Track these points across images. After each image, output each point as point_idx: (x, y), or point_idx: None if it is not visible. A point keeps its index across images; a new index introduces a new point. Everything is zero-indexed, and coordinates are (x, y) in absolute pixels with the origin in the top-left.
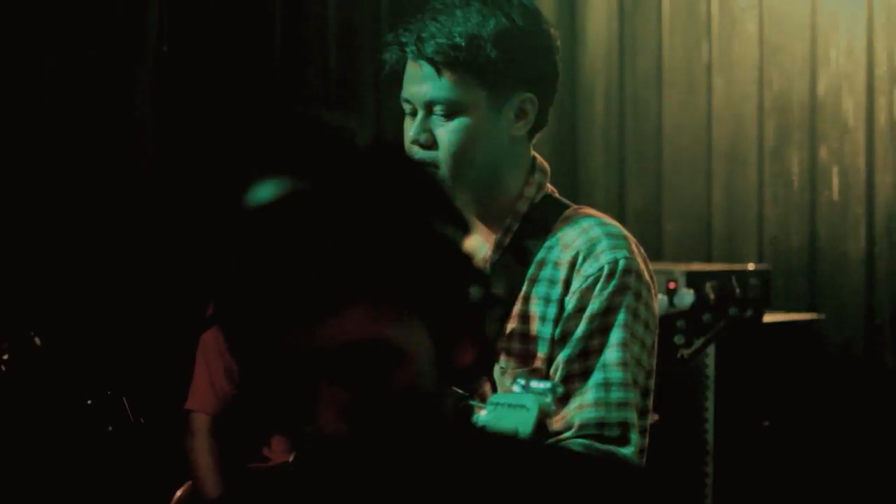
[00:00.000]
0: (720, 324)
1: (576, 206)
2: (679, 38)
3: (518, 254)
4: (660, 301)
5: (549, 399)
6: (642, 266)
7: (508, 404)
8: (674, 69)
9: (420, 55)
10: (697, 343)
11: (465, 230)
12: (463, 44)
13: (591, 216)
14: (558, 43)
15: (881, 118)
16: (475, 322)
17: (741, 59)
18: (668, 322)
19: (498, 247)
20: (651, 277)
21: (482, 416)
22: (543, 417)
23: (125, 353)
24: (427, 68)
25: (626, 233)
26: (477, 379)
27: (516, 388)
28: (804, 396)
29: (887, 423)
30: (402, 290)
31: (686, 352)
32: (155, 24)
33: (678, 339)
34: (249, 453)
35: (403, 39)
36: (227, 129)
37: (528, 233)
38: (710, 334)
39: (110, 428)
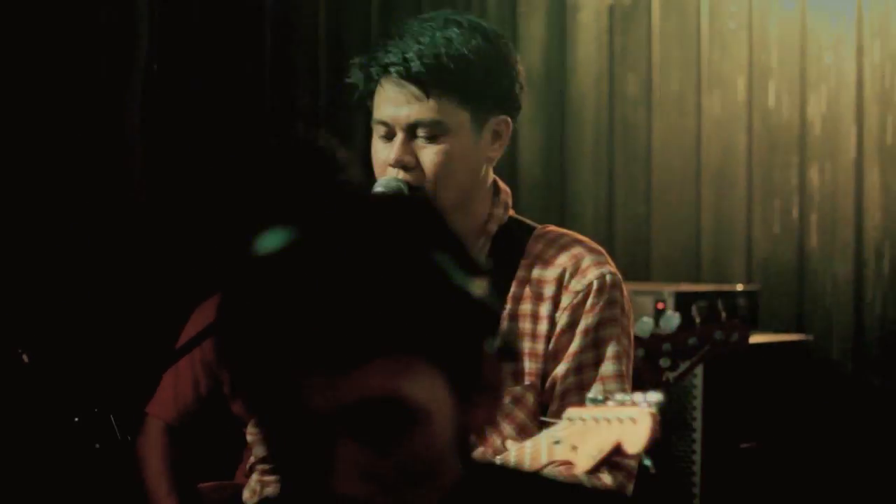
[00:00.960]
0: (705, 348)
1: (542, 226)
2: (669, 59)
3: (496, 274)
4: (647, 322)
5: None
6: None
7: (595, 418)
8: (663, 90)
9: (406, 76)
10: (683, 366)
11: (482, 277)
12: (451, 65)
13: (565, 234)
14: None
15: (870, 140)
16: (494, 375)
17: (731, 81)
18: (654, 344)
19: None
20: None
21: (558, 429)
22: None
23: (113, 370)
24: (413, 89)
25: (601, 249)
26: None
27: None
28: (792, 417)
29: (875, 444)
30: (422, 343)
31: (671, 375)
32: (145, 42)
33: (664, 362)
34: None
35: (387, 60)
36: (219, 149)
37: (501, 253)
38: (695, 358)
39: (97, 445)
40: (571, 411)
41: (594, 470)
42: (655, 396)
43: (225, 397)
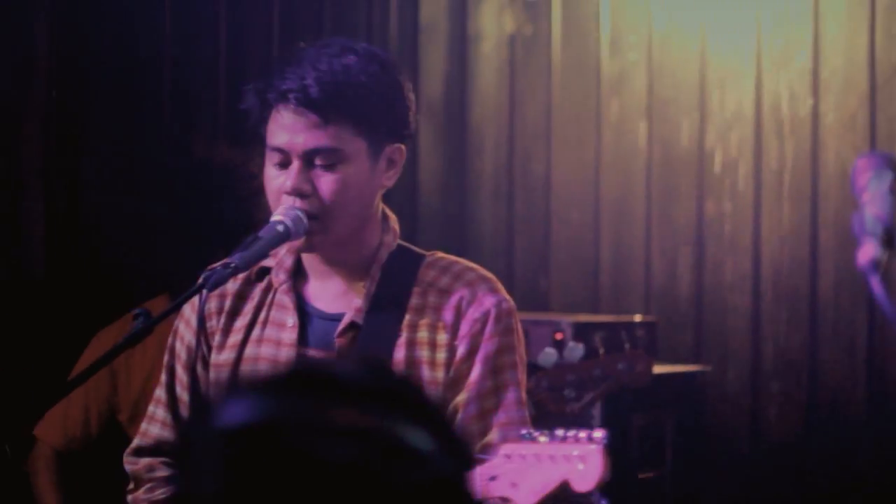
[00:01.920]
0: (609, 379)
1: (430, 253)
2: (568, 91)
3: (389, 301)
4: (549, 354)
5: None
6: None
7: (537, 455)
8: (563, 122)
9: (305, 103)
10: (587, 397)
11: (467, 463)
12: (350, 93)
13: (457, 262)
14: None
15: (768, 173)
16: None
17: (630, 113)
18: (558, 375)
19: (367, 296)
20: None
21: (494, 465)
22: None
23: (5, 395)
24: (311, 116)
25: (493, 276)
26: None
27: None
28: (690, 447)
29: (769, 475)
30: None
31: (576, 406)
32: (44, 65)
33: (568, 393)
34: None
35: (284, 87)
36: (118, 172)
37: (393, 279)
38: (600, 389)
39: None
40: (508, 447)
41: None
42: (600, 433)
43: (120, 424)
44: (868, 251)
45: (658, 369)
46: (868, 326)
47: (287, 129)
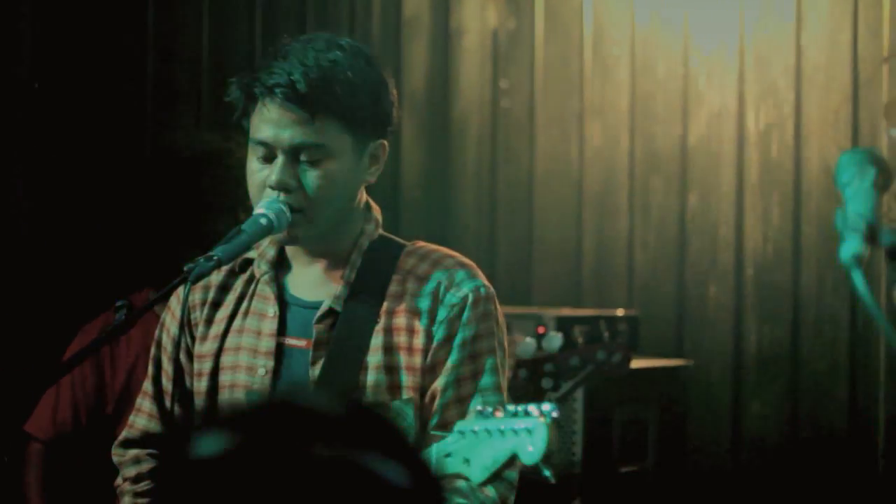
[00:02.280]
0: (587, 368)
1: (411, 242)
2: (552, 85)
3: (368, 288)
4: (528, 344)
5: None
6: None
7: (488, 430)
8: (546, 116)
9: (292, 98)
10: (565, 387)
11: (439, 499)
12: (338, 89)
13: (437, 250)
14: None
15: (751, 167)
16: None
17: (613, 107)
18: (536, 365)
19: (346, 283)
20: None
21: (449, 443)
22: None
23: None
24: (298, 112)
25: (473, 263)
26: None
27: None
28: (672, 441)
29: (751, 470)
30: None
31: (554, 395)
32: (28, 59)
33: (546, 384)
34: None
35: (271, 81)
36: (100, 167)
37: (373, 267)
38: (578, 378)
39: None
40: (461, 423)
41: (487, 482)
42: (549, 406)
43: (108, 418)
44: (851, 247)
45: (640, 363)
46: (850, 322)
47: (273, 123)
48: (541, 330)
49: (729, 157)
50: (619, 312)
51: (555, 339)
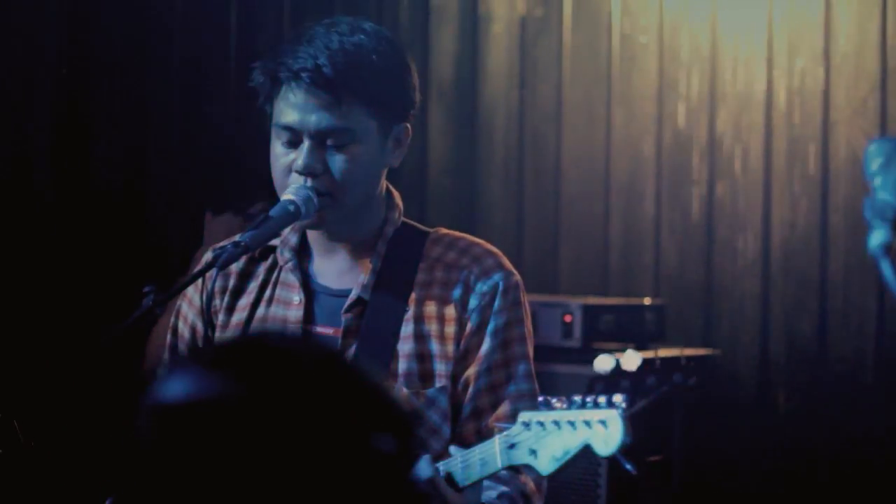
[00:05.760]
0: (663, 388)
1: (434, 229)
2: (579, 73)
3: (395, 277)
4: (607, 360)
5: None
6: None
7: (556, 421)
8: (573, 103)
9: (318, 83)
10: (639, 404)
11: (411, 443)
12: (363, 73)
13: (462, 237)
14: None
15: (779, 155)
16: None
17: (640, 94)
18: (613, 381)
19: (373, 271)
20: None
21: (513, 434)
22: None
23: (16, 375)
24: (324, 97)
25: (498, 250)
26: None
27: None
28: (699, 431)
29: (778, 459)
30: None
31: (627, 412)
32: (55, 44)
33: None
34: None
35: (297, 66)
36: (128, 152)
37: (399, 255)
38: (653, 397)
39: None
40: (526, 415)
41: (553, 472)
42: (620, 397)
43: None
44: (879, 236)
45: (667, 352)
46: (878, 311)
47: (299, 108)
48: (567, 318)
49: (756, 146)
50: (647, 301)
51: (634, 359)
